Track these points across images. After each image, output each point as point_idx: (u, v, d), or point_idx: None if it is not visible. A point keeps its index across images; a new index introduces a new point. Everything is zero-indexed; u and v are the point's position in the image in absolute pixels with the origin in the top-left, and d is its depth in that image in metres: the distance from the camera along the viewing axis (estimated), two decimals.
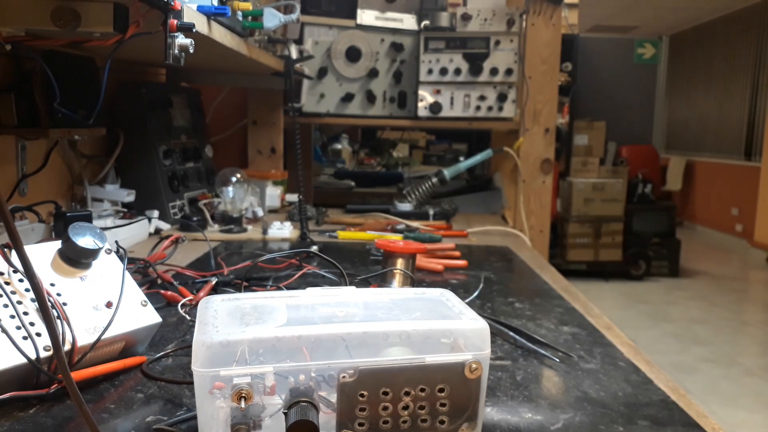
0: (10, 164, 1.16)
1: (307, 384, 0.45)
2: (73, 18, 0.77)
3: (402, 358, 0.47)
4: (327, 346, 0.46)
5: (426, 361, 0.47)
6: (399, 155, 3.62)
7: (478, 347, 0.48)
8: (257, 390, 0.45)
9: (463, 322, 0.50)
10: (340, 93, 1.88)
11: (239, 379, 0.44)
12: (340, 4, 1.85)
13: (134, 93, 1.48)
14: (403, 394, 0.47)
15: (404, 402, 0.47)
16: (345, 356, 0.46)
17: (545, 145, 1.83)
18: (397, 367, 0.46)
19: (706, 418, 0.59)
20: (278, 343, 0.45)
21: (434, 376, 0.47)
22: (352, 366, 0.46)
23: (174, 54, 0.81)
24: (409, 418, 0.47)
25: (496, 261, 1.23)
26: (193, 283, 0.96)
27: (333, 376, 0.46)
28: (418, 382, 0.47)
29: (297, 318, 0.51)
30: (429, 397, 0.47)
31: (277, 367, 0.45)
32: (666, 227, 4.85)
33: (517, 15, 1.82)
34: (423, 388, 0.47)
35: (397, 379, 0.46)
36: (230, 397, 0.44)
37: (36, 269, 0.63)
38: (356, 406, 0.46)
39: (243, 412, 0.45)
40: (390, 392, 0.46)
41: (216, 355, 0.44)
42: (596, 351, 0.74)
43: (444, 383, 0.47)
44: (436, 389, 0.47)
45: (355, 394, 0.46)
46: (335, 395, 0.46)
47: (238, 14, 1.11)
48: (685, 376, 2.94)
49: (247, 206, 1.49)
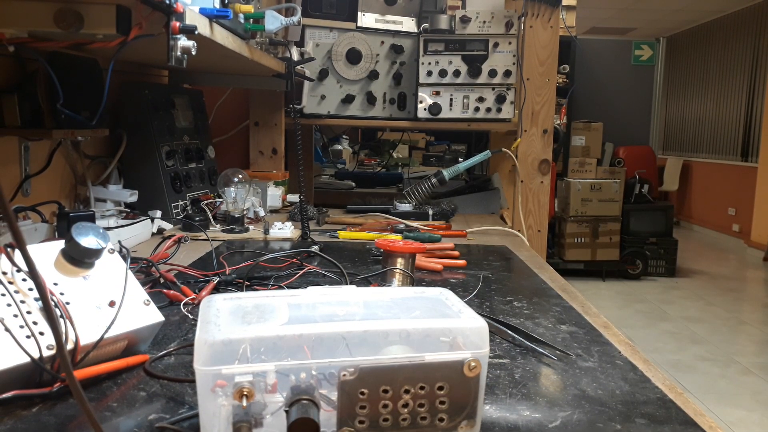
0: (13, 164, 1.17)
1: (308, 382, 0.46)
2: (76, 20, 0.77)
3: (402, 356, 0.47)
4: (328, 344, 0.46)
5: (425, 359, 0.47)
6: (399, 156, 3.63)
7: (477, 345, 0.48)
8: (259, 388, 0.45)
9: (463, 320, 0.50)
10: (341, 95, 1.89)
11: (241, 378, 0.44)
12: (341, 7, 1.85)
13: (137, 94, 1.48)
14: (403, 392, 0.47)
15: (404, 400, 0.47)
16: (345, 354, 0.46)
17: (543, 145, 1.84)
18: (397, 365, 0.47)
19: (703, 416, 0.59)
20: (279, 341, 0.46)
21: (434, 374, 0.47)
22: (352, 364, 0.46)
23: (176, 56, 0.82)
24: (408, 415, 0.48)
25: (495, 260, 1.24)
26: (196, 282, 0.96)
27: (334, 375, 0.46)
28: (417, 380, 0.47)
29: (298, 317, 0.51)
30: (428, 395, 0.47)
31: (279, 365, 0.45)
32: (663, 227, 4.87)
33: (516, 17, 1.83)
34: (422, 386, 0.47)
35: (397, 377, 0.47)
36: (232, 395, 0.44)
37: (39, 269, 0.64)
38: (356, 403, 0.46)
39: (245, 410, 0.45)
40: (390, 390, 0.47)
41: (218, 353, 0.45)
42: (594, 349, 0.75)
43: (443, 381, 0.48)
44: (436, 387, 0.48)
45: (355, 392, 0.46)
46: (336, 393, 0.46)
47: (239, 17, 1.12)
48: (683, 375, 2.95)
49: (249, 206, 1.50)
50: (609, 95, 7.76)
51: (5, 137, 1.13)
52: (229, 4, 1.05)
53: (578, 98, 6.73)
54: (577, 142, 4.96)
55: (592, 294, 4.40)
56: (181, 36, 0.81)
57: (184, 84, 1.78)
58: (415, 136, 3.94)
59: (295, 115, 1.54)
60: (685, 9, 6.49)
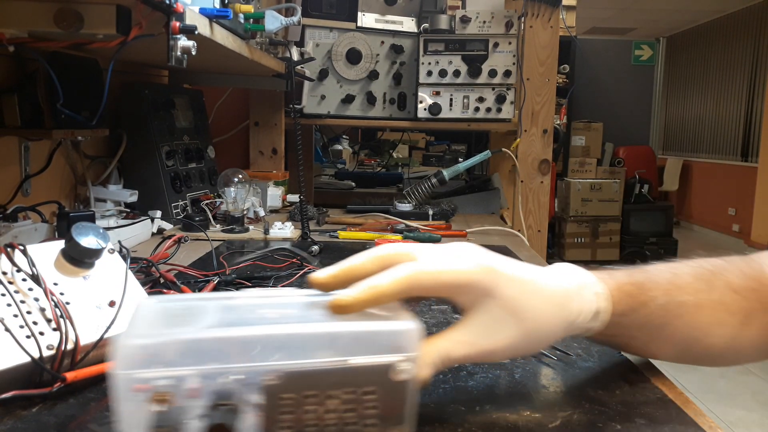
0: (13, 165, 1.17)
1: (229, 387, 0.44)
2: (76, 20, 0.77)
3: (326, 360, 0.45)
4: (250, 348, 0.45)
5: (350, 363, 0.46)
6: (399, 156, 3.63)
7: (406, 349, 0.47)
8: (179, 393, 0.43)
9: (393, 323, 0.48)
10: (341, 94, 1.89)
11: (159, 382, 0.43)
12: (341, 7, 1.86)
13: (137, 94, 1.48)
14: (329, 397, 0.46)
15: (330, 405, 0.46)
16: (269, 359, 0.45)
17: (543, 145, 1.84)
18: (321, 370, 0.45)
19: (704, 416, 0.59)
20: (199, 344, 0.44)
21: (360, 379, 0.46)
22: (275, 368, 0.44)
23: (176, 56, 0.82)
24: (335, 421, 0.46)
25: None
26: (196, 282, 0.97)
27: (256, 380, 0.44)
28: (343, 385, 0.46)
29: (228, 319, 0.50)
30: (356, 401, 0.46)
31: (199, 369, 0.44)
32: (663, 227, 4.88)
33: (516, 17, 1.83)
34: (349, 390, 0.46)
35: (323, 382, 0.45)
36: (150, 400, 0.43)
37: (39, 269, 0.64)
38: (281, 409, 0.45)
39: (164, 416, 0.43)
40: (315, 395, 0.45)
41: (135, 356, 0.43)
42: (594, 350, 0.75)
43: (371, 386, 0.46)
44: (363, 392, 0.46)
45: (279, 397, 0.45)
46: (260, 398, 0.45)
47: (239, 17, 1.12)
48: (683, 375, 2.95)
49: (249, 206, 1.50)
50: (609, 95, 7.76)
51: (5, 137, 1.13)
52: (229, 4, 1.05)
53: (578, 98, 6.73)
54: (577, 142, 4.97)
55: None
56: (181, 36, 0.81)
57: (184, 84, 1.78)
58: (415, 136, 3.94)
59: (295, 115, 1.54)
60: (685, 9, 6.49)
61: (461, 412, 0.58)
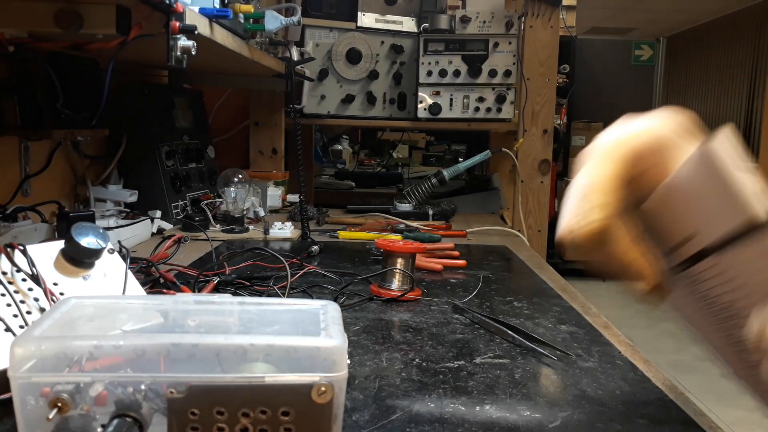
0: (13, 165, 1.17)
1: (134, 397, 0.42)
2: (76, 20, 0.77)
3: (238, 375, 0.43)
4: (154, 358, 0.43)
5: (266, 380, 0.42)
6: (399, 156, 3.63)
7: (328, 368, 0.43)
8: (83, 399, 0.42)
9: (316, 339, 0.45)
10: (341, 94, 1.89)
11: (58, 387, 0.41)
12: (341, 7, 1.85)
13: (137, 94, 1.48)
14: (241, 415, 0.43)
15: (242, 424, 0.43)
16: (175, 370, 0.43)
17: (543, 145, 1.84)
18: (232, 386, 0.42)
19: (704, 416, 0.59)
20: (103, 350, 0.42)
21: (276, 398, 0.43)
22: (181, 381, 0.42)
23: (176, 56, 0.82)
24: None
25: (495, 260, 1.24)
26: (196, 282, 0.97)
27: (162, 391, 0.42)
28: (257, 404, 0.43)
29: (149, 326, 0.48)
30: (271, 421, 0.43)
31: (100, 376, 0.42)
32: None
33: (516, 17, 1.83)
34: (263, 410, 0.43)
35: (234, 399, 0.42)
36: (48, 406, 0.41)
37: (39, 269, 0.64)
38: (187, 424, 0.42)
39: (64, 423, 0.42)
40: (225, 412, 0.42)
41: (30, 359, 0.41)
42: (594, 350, 0.75)
43: (287, 406, 0.43)
44: (279, 412, 0.43)
45: (185, 411, 0.42)
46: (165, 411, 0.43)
47: (239, 17, 1.12)
48: (683, 375, 2.95)
49: (249, 206, 1.50)
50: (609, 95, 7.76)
51: (5, 137, 1.13)
52: (229, 4, 1.05)
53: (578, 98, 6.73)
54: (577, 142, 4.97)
55: (593, 294, 4.39)
56: (181, 36, 0.81)
57: (184, 84, 1.78)
58: (415, 136, 3.94)
59: (295, 115, 1.54)
60: (685, 9, 6.49)
61: (461, 412, 0.58)
